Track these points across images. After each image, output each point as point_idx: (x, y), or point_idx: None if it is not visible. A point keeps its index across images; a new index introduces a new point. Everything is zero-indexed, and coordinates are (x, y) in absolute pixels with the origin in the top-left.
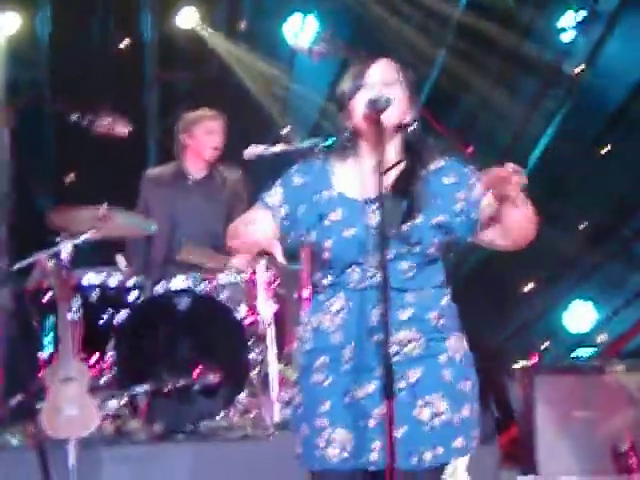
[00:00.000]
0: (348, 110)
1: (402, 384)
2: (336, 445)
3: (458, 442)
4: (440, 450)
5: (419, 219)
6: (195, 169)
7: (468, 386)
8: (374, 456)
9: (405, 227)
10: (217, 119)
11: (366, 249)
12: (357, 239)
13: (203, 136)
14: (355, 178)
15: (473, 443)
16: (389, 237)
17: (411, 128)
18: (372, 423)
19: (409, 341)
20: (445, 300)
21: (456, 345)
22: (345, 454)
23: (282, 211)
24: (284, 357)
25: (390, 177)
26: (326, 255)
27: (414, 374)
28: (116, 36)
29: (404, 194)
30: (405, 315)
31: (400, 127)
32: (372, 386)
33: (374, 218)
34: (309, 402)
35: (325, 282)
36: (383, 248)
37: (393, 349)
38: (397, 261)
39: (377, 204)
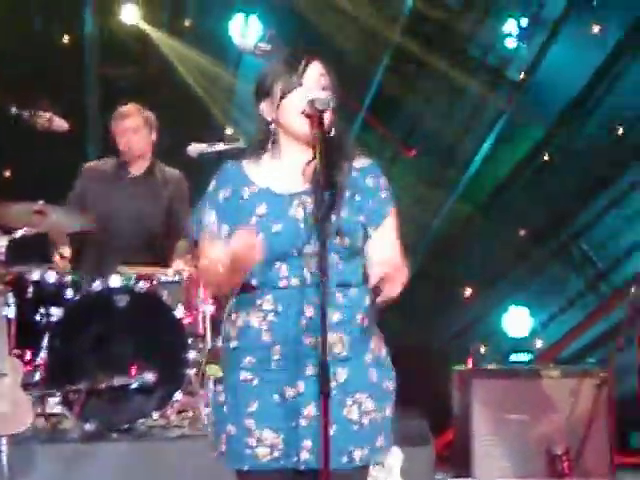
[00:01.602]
0: (276, 105)
1: (332, 383)
2: (266, 445)
3: (379, 441)
4: (367, 450)
5: (345, 212)
6: (135, 165)
7: (391, 386)
8: (305, 455)
9: (334, 219)
10: (127, 117)
11: (295, 244)
12: (286, 233)
13: (119, 137)
14: (276, 174)
15: (389, 441)
16: (318, 227)
17: (336, 129)
18: (303, 423)
19: (336, 343)
20: (368, 300)
21: (378, 345)
22: (275, 453)
23: (224, 229)
24: (210, 354)
25: (314, 171)
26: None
27: (342, 374)
28: (58, 31)
29: (329, 187)
30: (335, 317)
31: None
32: (302, 385)
33: (300, 212)
34: (236, 401)
35: (254, 280)
36: (324, 241)
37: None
38: (325, 254)
39: (302, 198)
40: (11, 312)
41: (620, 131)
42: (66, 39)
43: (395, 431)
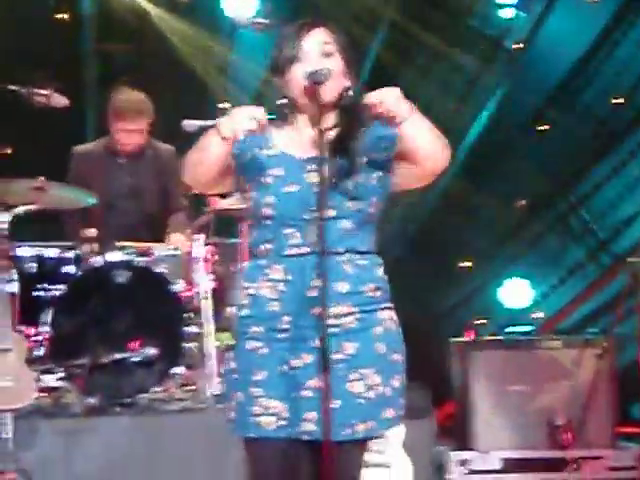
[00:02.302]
0: (284, 80)
1: (339, 356)
2: (271, 413)
3: (389, 413)
4: (372, 423)
5: (360, 176)
6: (125, 146)
7: (399, 358)
8: (309, 426)
9: (348, 184)
10: (135, 119)
11: (307, 208)
12: (299, 195)
13: (120, 133)
14: (293, 140)
15: (401, 412)
16: (332, 192)
17: (348, 94)
18: (307, 394)
19: (346, 314)
20: (380, 271)
21: (389, 317)
22: (280, 422)
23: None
24: (221, 323)
25: (329, 138)
26: (265, 213)
27: (350, 347)
28: (55, 7)
29: (343, 153)
30: (343, 288)
31: (338, 97)
32: (309, 357)
33: (314, 176)
34: (244, 369)
35: (264, 247)
36: (322, 207)
37: (331, 322)
38: (339, 220)
39: (316, 164)
40: (14, 288)
41: (619, 100)
42: (63, 16)
43: None
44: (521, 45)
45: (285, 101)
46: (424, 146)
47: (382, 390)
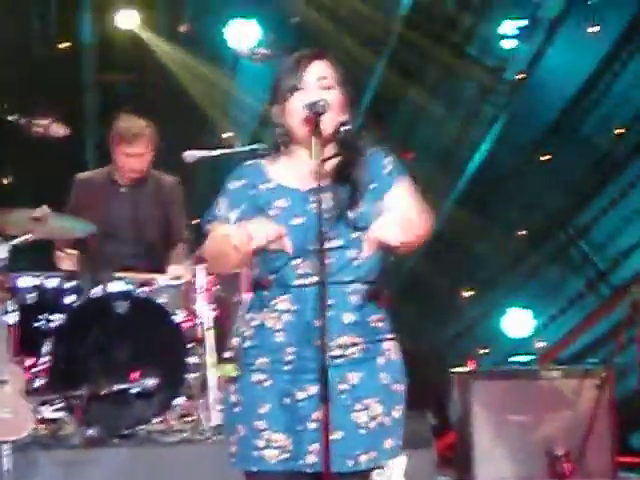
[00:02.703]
0: (283, 109)
1: (343, 386)
2: (275, 447)
3: (389, 443)
4: (374, 453)
5: (362, 206)
6: (127, 177)
7: (401, 388)
8: (312, 459)
9: (351, 214)
10: (134, 143)
11: (313, 239)
12: (305, 227)
13: (122, 158)
14: (290, 172)
15: (400, 442)
16: (337, 222)
17: (346, 127)
18: (311, 426)
19: (350, 345)
20: (384, 302)
21: (392, 347)
22: (284, 456)
23: (233, 217)
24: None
25: (329, 168)
26: (273, 246)
27: (354, 377)
28: (55, 37)
29: (345, 183)
30: (349, 319)
31: (336, 130)
32: (313, 389)
33: (316, 208)
34: (248, 402)
35: (269, 278)
36: (323, 240)
37: (335, 352)
38: (345, 249)
39: (317, 195)
40: (12, 318)
41: (618, 130)
42: (63, 45)
43: None
44: (521, 76)
45: (283, 131)
46: (407, 242)
47: (382, 420)
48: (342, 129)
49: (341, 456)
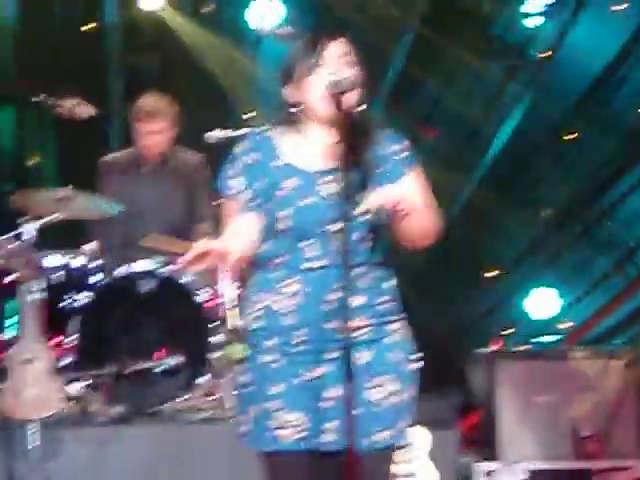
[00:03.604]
0: (302, 86)
1: (355, 366)
2: (290, 426)
3: (402, 423)
4: (389, 432)
5: (370, 189)
6: (149, 155)
7: (412, 367)
8: (328, 437)
9: (358, 198)
10: (148, 120)
11: (323, 220)
12: (315, 208)
13: (137, 135)
14: (302, 151)
15: (410, 422)
16: (346, 204)
17: (361, 108)
18: (326, 404)
19: (360, 327)
20: (392, 282)
21: (401, 328)
22: (299, 435)
23: (248, 193)
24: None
25: (340, 151)
26: (280, 226)
27: (364, 357)
28: (81, 18)
29: (354, 166)
30: (358, 302)
31: (353, 109)
32: (326, 368)
33: (327, 190)
34: (258, 383)
35: (277, 260)
36: (348, 221)
37: (345, 334)
38: (353, 232)
39: (330, 176)
40: (41, 297)
41: None
42: (88, 26)
43: (421, 413)
44: (547, 54)
45: (299, 110)
46: (416, 237)
47: (397, 399)
48: (357, 109)
49: (359, 435)
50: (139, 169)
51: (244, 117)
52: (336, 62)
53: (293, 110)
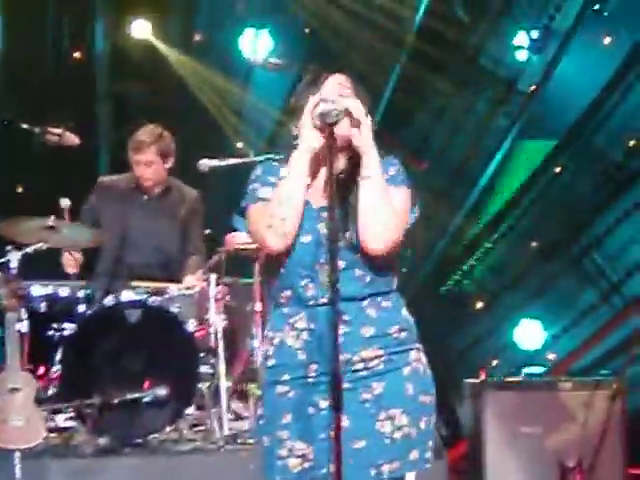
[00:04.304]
0: (301, 120)
1: (367, 396)
2: (297, 455)
3: (413, 455)
4: (397, 464)
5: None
6: (144, 186)
7: (428, 399)
8: (332, 468)
9: (348, 235)
10: (140, 150)
11: (318, 258)
12: (314, 246)
13: (133, 166)
14: (309, 186)
15: (427, 455)
16: (339, 247)
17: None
18: (333, 435)
19: (373, 358)
20: (404, 311)
21: (417, 358)
22: (306, 464)
23: None
24: (245, 373)
25: (338, 186)
26: (282, 261)
27: (378, 387)
28: (69, 47)
29: (345, 202)
30: (368, 332)
31: (351, 142)
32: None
33: (324, 227)
34: (271, 414)
35: (285, 294)
36: (334, 259)
37: (358, 366)
38: (350, 270)
39: (326, 213)
40: (24, 327)
41: (631, 142)
42: (77, 54)
43: None
44: (534, 87)
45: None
46: (375, 226)
47: (408, 431)
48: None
49: (364, 465)
50: (138, 196)
51: (236, 145)
52: (333, 93)
53: (296, 144)
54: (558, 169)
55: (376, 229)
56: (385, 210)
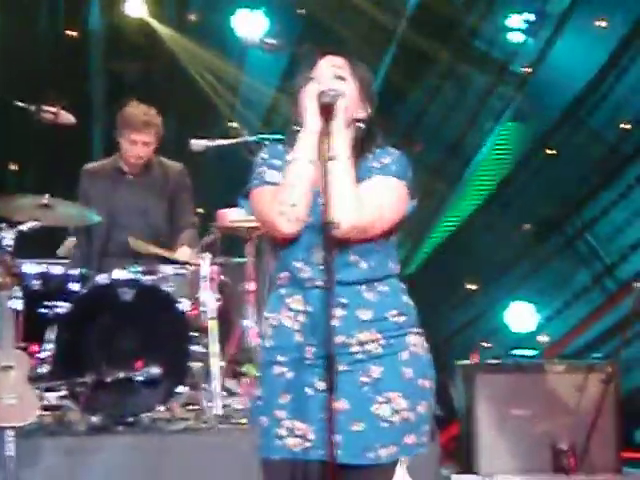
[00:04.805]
0: (297, 102)
1: (365, 379)
2: (296, 435)
3: (411, 439)
4: (394, 448)
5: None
6: (133, 164)
7: (427, 384)
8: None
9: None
10: (143, 130)
11: (315, 242)
12: (310, 228)
13: (127, 144)
14: None
15: (424, 439)
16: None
17: (361, 124)
18: (327, 417)
19: (370, 341)
20: (403, 296)
21: (416, 342)
22: (305, 444)
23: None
24: (238, 353)
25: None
26: (281, 242)
27: (376, 370)
28: (64, 25)
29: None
30: (365, 316)
31: (350, 122)
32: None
33: (320, 211)
34: (269, 394)
35: (284, 275)
36: (329, 244)
37: (355, 349)
38: (344, 255)
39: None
40: (18, 305)
41: (626, 125)
42: (71, 33)
43: None
44: (529, 69)
45: (298, 124)
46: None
47: (407, 415)
48: (356, 125)
49: (361, 448)
50: (122, 177)
51: (230, 125)
52: (327, 74)
53: (296, 124)
54: (552, 151)
55: (337, 212)
56: (346, 193)
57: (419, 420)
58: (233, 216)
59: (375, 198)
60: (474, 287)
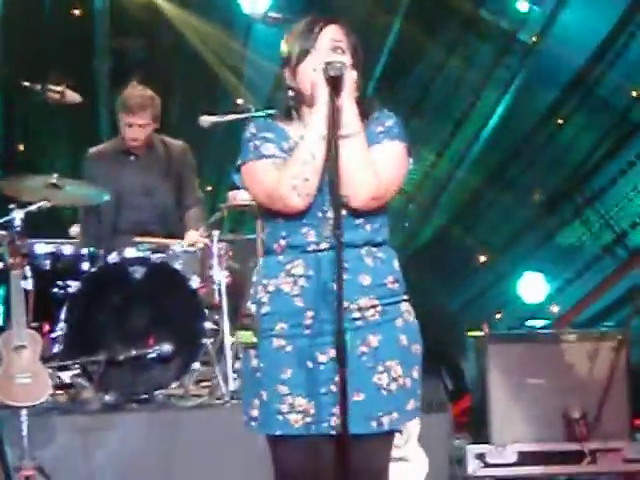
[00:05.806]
0: (295, 72)
1: (364, 349)
2: (298, 411)
3: (411, 404)
4: (396, 414)
5: None
6: (133, 146)
7: (419, 350)
8: (336, 421)
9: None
10: (137, 113)
11: (321, 205)
12: (317, 194)
13: (124, 127)
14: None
15: (419, 403)
16: (333, 195)
17: (355, 95)
18: (334, 388)
19: (369, 307)
20: (396, 263)
21: (408, 309)
22: (307, 419)
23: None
24: (238, 322)
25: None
26: (284, 213)
27: (374, 339)
28: (68, 3)
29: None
30: (365, 280)
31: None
32: (333, 351)
33: (325, 176)
34: (269, 367)
35: (281, 242)
36: (338, 209)
37: (355, 315)
38: (349, 217)
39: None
40: (29, 285)
41: (634, 92)
42: (76, 11)
43: None
44: (536, 38)
45: (294, 94)
46: (352, 177)
47: (403, 381)
48: (350, 93)
49: (364, 418)
50: (126, 158)
51: (237, 101)
52: (327, 47)
53: (291, 94)
54: (561, 120)
55: (356, 188)
56: (365, 168)
57: (414, 385)
58: (244, 196)
59: (389, 165)
60: (485, 258)
